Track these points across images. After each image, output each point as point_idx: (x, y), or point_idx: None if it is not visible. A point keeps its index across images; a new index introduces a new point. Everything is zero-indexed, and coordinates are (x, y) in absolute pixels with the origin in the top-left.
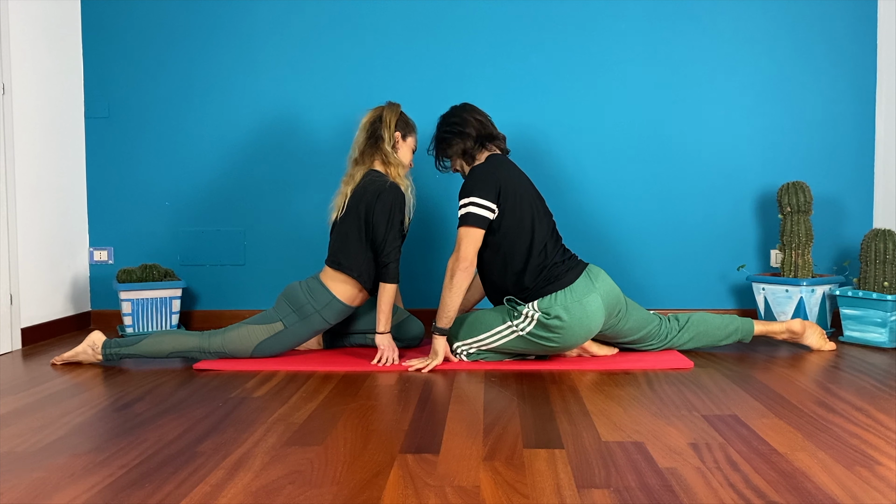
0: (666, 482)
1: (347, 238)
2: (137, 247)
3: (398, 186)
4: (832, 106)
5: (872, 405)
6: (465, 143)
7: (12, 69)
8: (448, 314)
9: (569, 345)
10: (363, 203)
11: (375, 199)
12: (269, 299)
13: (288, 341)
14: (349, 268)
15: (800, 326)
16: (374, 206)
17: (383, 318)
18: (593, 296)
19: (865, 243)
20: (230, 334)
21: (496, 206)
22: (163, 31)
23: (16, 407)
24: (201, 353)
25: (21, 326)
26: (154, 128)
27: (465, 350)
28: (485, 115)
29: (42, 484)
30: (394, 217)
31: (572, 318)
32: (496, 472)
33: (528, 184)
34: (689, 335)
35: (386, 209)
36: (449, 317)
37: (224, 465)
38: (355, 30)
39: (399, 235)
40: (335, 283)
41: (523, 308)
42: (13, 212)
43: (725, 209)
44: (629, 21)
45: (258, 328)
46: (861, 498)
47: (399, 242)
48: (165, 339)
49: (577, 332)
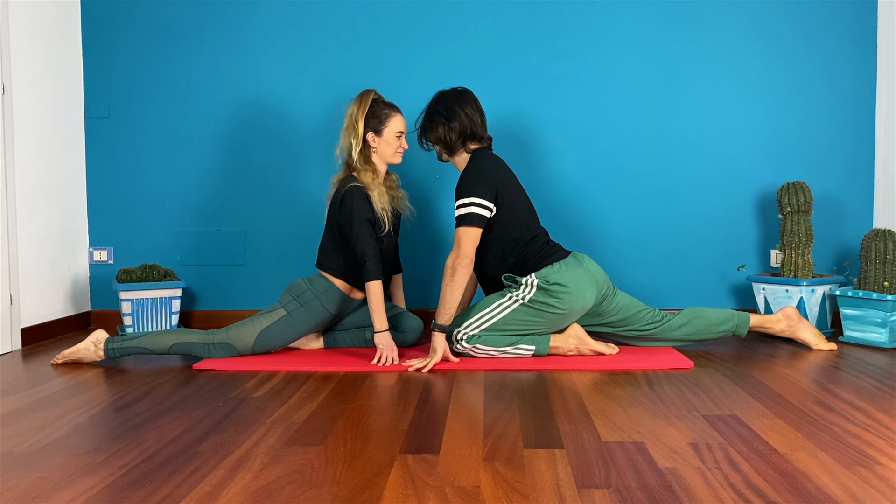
0: (666, 482)
1: (326, 242)
2: (137, 247)
3: (359, 187)
4: (832, 106)
5: (872, 405)
6: (447, 134)
7: (12, 69)
8: (449, 311)
9: (569, 310)
10: (332, 210)
11: (339, 204)
12: (269, 299)
13: (290, 330)
14: (330, 268)
15: (794, 311)
16: (339, 211)
17: (376, 317)
18: (583, 269)
19: (865, 243)
20: (234, 326)
21: (494, 205)
22: (163, 31)
23: (16, 407)
24: (204, 346)
25: (21, 326)
26: (154, 128)
27: (465, 334)
28: (477, 112)
29: (42, 484)
30: (356, 216)
31: (569, 282)
32: (496, 472)
33: (515, 178)
34: (683, 319)
35: (347, 211)
36: (449, 313)
37: (224, 465)
38: (356, 31)
39: (369, 234)
40: (331, 278)
41: (522, 279)
42: (13, 212)
43: (725, 209)
44: (629, 21)
45: (261, 317)
46: (861, 498)
47: (371, 240)
48: (168, 333)
49: (575, 296)
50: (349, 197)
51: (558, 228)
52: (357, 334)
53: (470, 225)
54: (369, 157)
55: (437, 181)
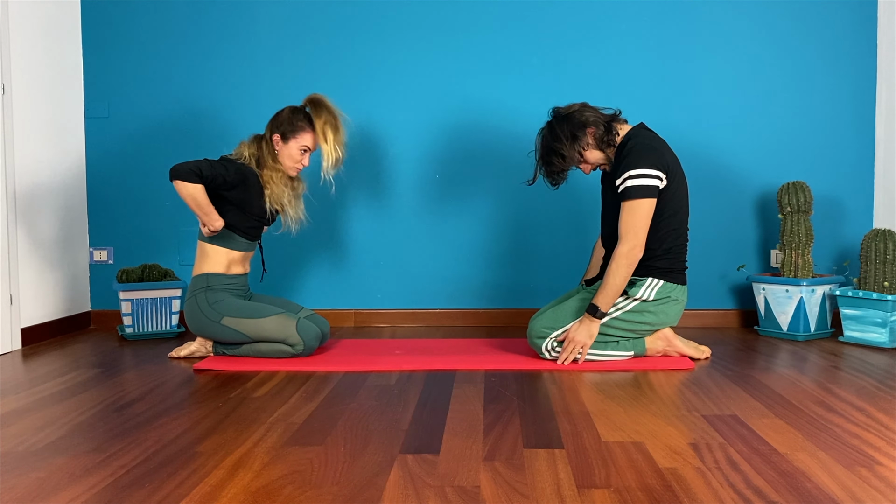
0: (666, 482)
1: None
2: (137, 247)
3: (253, 171)
4: (832, 106)
5: (872, 405)
6: (596, 128)
7: (12, 69)
8: (615, 299)
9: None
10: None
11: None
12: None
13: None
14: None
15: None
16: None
17: (214, 213)
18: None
19: (865, 243)
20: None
21: (665, 179)
22: (163, 31)
23: (16, 407)
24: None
25: (21, 326)
26: (154, 128)
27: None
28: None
29: (42, 484)
30: (215, 162)
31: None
32: (496, 472)
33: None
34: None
35: (219, 163)
36: (612, 303)
37: (224, 465)
38: (356, 31)
39: (206, 166)
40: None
41: (643, 282)
42: (13, 212)
43: (725, 209)
44: (629, 20)
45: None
46: (861, 498)
47: (204, 165)
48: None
49: (672, 317)
50: (234, 164)
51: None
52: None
53: (644, 197)
54: (276, 157)
55: (438, 180)
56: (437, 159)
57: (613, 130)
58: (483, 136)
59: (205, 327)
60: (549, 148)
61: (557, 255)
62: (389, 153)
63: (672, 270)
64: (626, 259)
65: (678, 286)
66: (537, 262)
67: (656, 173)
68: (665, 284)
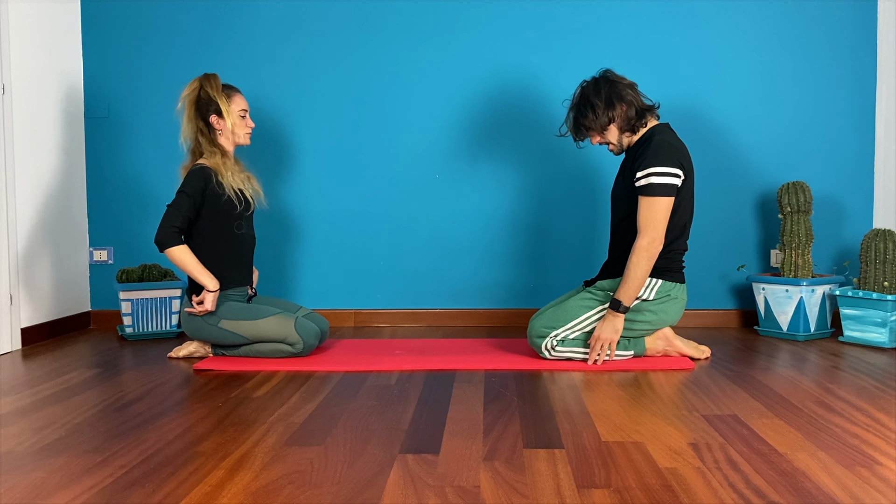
0: (666, 482)
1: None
2: (137, 247)
3: (204, 166)
4: (832, 106)
5: (872, 405)
6: (629, 108)
7: (12, 69)
8: (638, 292)
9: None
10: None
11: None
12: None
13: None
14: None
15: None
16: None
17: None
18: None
19: (865, 243)
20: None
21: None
22: (162, 31)
23: (16, 407)
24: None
25: (21, 326)
26: (154, 128)
27: (565, 335)
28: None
29: (42, 484)
30: (183, 188)
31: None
32: (496, 472)
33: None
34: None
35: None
36: (634, 296)
37: (224, 465)
38: (357, 31)
39: (186, 206)
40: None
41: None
42: (13, 212)
43: (725, 209)
44: (629, 20)
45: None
46: (861, 498)
47: (183, 212)
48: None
49: (672, 316)
50: (189, 174)
51: (563, 227)
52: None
53: (664, 195)
54: (215, 140)
55: (437, 180)
56: (438, 159)
57: (643, 118)
58: (483, 136)
59: (202, 331)
60: (586, 98)
61: (558, 255)
62: (389, 152)
63: (670, 269)
64: (647, 252)
65: (677, 284)
66: (537, 262)
67: (678, 172)
68: (664, 283)
